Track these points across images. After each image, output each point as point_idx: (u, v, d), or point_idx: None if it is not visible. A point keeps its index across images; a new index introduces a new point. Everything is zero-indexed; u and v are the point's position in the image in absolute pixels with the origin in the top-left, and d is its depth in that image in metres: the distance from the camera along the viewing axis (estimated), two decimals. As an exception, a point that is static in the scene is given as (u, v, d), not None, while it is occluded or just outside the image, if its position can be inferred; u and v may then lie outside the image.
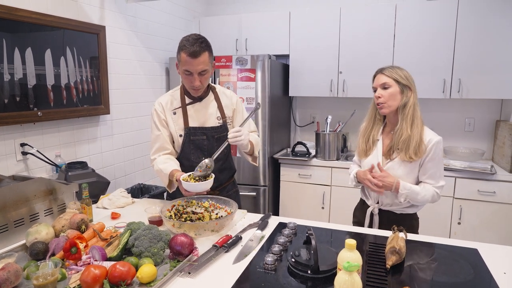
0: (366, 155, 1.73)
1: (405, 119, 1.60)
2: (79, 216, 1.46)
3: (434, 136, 1.61)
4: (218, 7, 4.03)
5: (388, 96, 1.61)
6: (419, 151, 1.57)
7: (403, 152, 1.59)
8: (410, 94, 1.61)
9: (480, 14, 2.83)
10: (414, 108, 1.61)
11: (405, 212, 1.70)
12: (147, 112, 3.12)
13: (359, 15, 3.15)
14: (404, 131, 1.59)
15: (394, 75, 1.60)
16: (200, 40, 1.63)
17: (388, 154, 1.67)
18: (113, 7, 2.67)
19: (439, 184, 1.63)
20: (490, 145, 3.24)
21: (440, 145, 1.62)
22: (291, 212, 3.33)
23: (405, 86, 1.61)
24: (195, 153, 1.80)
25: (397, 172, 1.62)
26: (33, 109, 2.06)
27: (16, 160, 2.04)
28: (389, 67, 1.65)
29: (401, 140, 1.60)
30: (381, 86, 1.62)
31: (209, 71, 1.69)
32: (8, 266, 1.10)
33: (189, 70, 1.63)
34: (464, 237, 2.79)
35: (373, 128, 1.73)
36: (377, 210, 1.71)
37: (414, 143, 1.57)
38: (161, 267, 1.23)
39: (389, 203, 1.69)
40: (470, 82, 2.93)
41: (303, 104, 3.82)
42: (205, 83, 1.72)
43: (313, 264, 1.16)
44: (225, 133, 1.82)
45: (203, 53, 1.61)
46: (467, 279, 1.18)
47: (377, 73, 1.67)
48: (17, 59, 1.97)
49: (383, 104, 1.62)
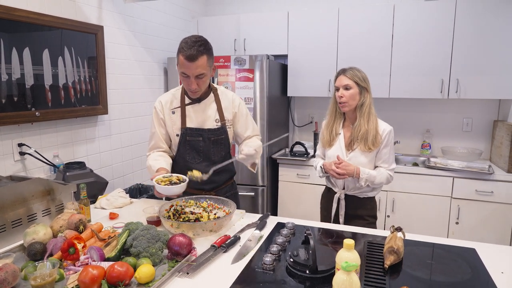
0: (330, 145, 1.94)
1: (362, 116, 1.83)
2: (77, 216, 1.46)
3: (387, 127, 1.85)
4: (216, 7, 4.03)
5: (349, 96, 1.82)
6: (376, 142, 1.82)
7: (363, 143, 1.83)
8: (367, 95, 1.84)
9: (478, 14, 2.83)
10: (370, 107, 1.84)
11: (367, 196, 1.91)
12: (145, 112, 3.11)
13: (357, 15, 3.15)
14: (362, 127, 1.82)
15: (355, 78, 1.82)
16: (199, 43, 1.59)
17: (349, 146, 1.89)
18: (111, 7, 2.67)
19: (392, 167, 1.87)
20: (487, 145, 3.25)
21: (392, 134, 1.87)
22: (289, 212, 3.33)
23: (363, 88, 1.83)
24: (190, 154, 1.80)
25: (359, 160, 1.84)
26: (31, 109, 2.06)
27: (14, 160, 2.03)
28: (350, 69, 1.85)
29: (359, 134, 1.83)
30: (343, 87, 1.83)
31: (207, 74, 1.65)
32: (6, 266, 1.09)
33: (185, 73, 1.62)
34: (462, 237, 2.80)
35: (335, 122, 1.95)
36: (343, 195, 1.91)
37: (371, 136, 1.81)
38: (160, 267, 1.23)
39: (353, 187, 1.89)
40: (468, 82, 2.94)
41: (302, 104, 3.83)
42: (203, 86, 1.70)
43: (312, 264, 1.16)
44: (223, 136, 1.80)
45: (201, 57, 1.58)
46: (465, 278, 1.19)
47: (340, 74, 1.87)
48: (14, 59, 1.96)
49: (344, 103, 1.84)
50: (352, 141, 1.87)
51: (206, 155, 1.80)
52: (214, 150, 1.81)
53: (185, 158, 1.80)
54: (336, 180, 1.93)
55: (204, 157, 1.80)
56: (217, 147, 1.81)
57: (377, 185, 1.86)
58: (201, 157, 1.80)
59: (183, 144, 1.79)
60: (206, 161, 1.80)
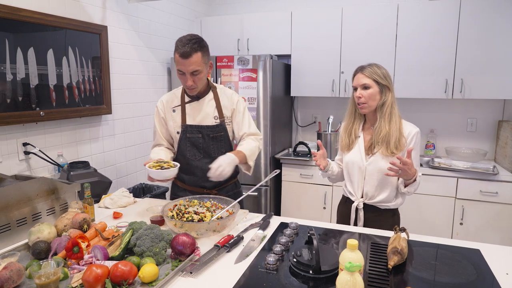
0: (349, 149, 1.77)
1: (383, 117, 1.66)
2: (81, 215, 1.46)
3: (413, 128, 1.67)
4: (220, 7, 4.03)
5: (368, 96, 1.65)
6: (399, 145, 1.63)
7: (384, 147, 1.65)
8: (389, 94, 1.66)
9: (482, 14, 2.82)
10: (391, 106, 1.66)
11: (389, 207, 1.73)
12: (148, 112, 3.12)
13: (361, 15, 3.14)
14: (383, 128, 1.64)
15: (374, 76, 1.64)
16: (193, 41, 1.63)
17: (369, 150, 1.72)
18: (115, 7, 2.68)
19: (420, 173, 1.66)
20: (492, 145, 3.23)
21: (419, 136, 1.68)
22: (292, 212, 3.33)
23: (384, 86, 1.65)
24: (191, 151, 1.83)
25: (379, 165, 1.66)
26: (35, 108, 2.07)
27: (19, 160, 2.05)
28: (369, 65, 1.68)
29: (380, 137, 1.65)
30: (361, 86, 1.66)
31: (202, 71, 1.68)
32: (11, 265, 1.10)
33: (181, 70, 1.66)
34: (466, 238, 2.79)
35: (354, 124, 1.78)
36: (362, 205, 1.74)
37: (394, 138, 1.63)
38: (163, 267, 1.23)
39: (372, 196, 1.72)
40: (472, 82, 2.92)
41: (305, 104, 3.82)
42: (199, 83, 1.72)
43: (315, 264, 1.16)
44: (222, 133, 1.83)
45: (195, 54, 1.62)
46: (469, 280, 1.18)
47: (357, 72, 1.69)
48: (19, 59, 1.98)
49: (363, 104, 1.67)
50: (373, 145, 1.70)
51: (206, 152, 1.83)
52: (214, 147, 1.83)
53: (185, 156, 1.83)
54: (354, 187, 1.77)
55: (204, 154, 1.83)
56: (216, 143, 1.83)
57: (412, 193, 1.69)
58: (201, 153, 1.83)
59: (183, 141, 1.82)
60: (206, 158, 1.82)
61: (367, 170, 1.70)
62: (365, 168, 1.71)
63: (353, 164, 1.74)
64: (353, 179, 1.76)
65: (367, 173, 1.71)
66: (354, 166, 1.74)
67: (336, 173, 1.86)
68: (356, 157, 1.73)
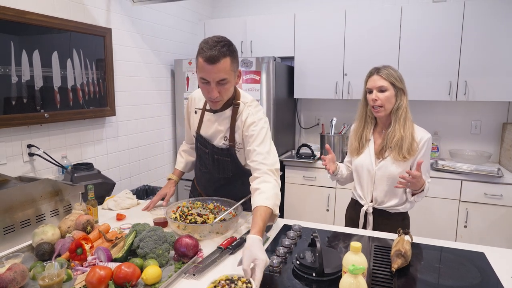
0: (358, 153, 1.74)
1: (398, 121, 1.62)
2: (85, 217, 1.47)
3: (425, 134, 1.65)
4: (223, 9, 4.04)
5: (385, 99, 1.61)
6: (411, 150, 1.60)
7: (396, 151, 1.61)
8: (404, 97, 1.64)
9: (486, 16, 2.81)
10: (406, 110, 1.64)
11: (399, 210, 1.70)
12: (152, 114, 3.13)
13: (364, 17, 3.14)
14: (397, 133, 1.61)
15: (391, 78, 1.61)
16: (221, 43, 1.38)
17: (380, 154, 1.69)
18: (119, 9, 2.69)
19: (429, 179, 1.67)
20: (496, 147, 3.21)
21: (431, 142, 1.66)
22: (295, 214, 3.32)
23: (399, 89, 1.63)
24: (200, 160, 1.77)
25: (389, 170, 1.64)
26: (40, 110, 2.08)
27: (23, 161, 2.06)
28: (384, 67, 1.65)
29: (394, 141, 1.62)
30: (378, 88, 1.62)
31: (230, 81, 1.43)
32: (15, 266, 1.11)
33: (205, 78, 1.40)
34: (471, 241, 2.77)
35: (364, 128, 1.74)
36: (371, 209, 1.72)
37: (407, 143, 1.60)
38: (166, 269, 1.23)
39: (382, 201, 1.70)
40: (476, 84, 2.91)
41: (308, 106, 3.82)
42: (225, 95, 1.47)
43: (318, 267, 1.15)
44: (228, 159, 1.63)
45: (223, 59, 1.37)
46: (473, 283, 1.17)
47: (373, 74, 1.66)
48: (24, 61, 1.99)
49: (380, 107, 1.63)
50: (384, 149, 1.66)
51: (208, 169, 1.72)
52: (219, 168, 1.68)
53: (197, 162, 1.81)
54: (364, 192, 1.74)
55: (210, 169, 1.72)
56: (221, 166, 1.67)
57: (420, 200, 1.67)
58: (207, 168, 1.74)
59: (196, 147, 1.77)
60: (209, 174, 1.73)
61: (376, 175, 1.68)
62: (374, 173, 1.69)
63: (363, 168, 1.72)
64: (363, 183, 1.74)
65: (377, 178, 1.69)
66: (363, 170, 1.72)
67: (345, 176, 1.84)
68: (365, 161, 1.70)
